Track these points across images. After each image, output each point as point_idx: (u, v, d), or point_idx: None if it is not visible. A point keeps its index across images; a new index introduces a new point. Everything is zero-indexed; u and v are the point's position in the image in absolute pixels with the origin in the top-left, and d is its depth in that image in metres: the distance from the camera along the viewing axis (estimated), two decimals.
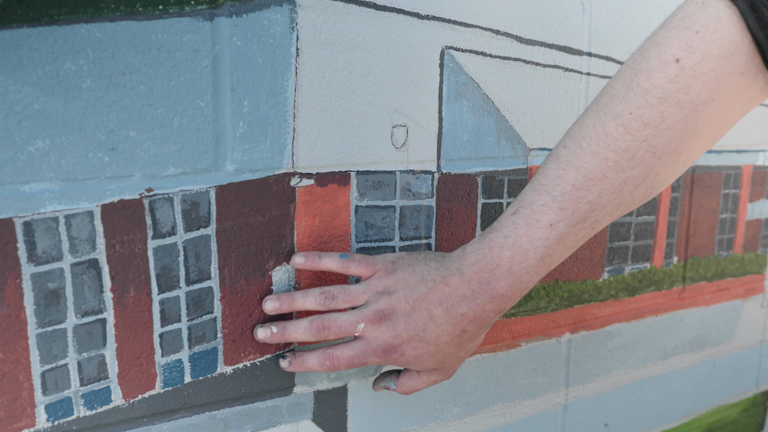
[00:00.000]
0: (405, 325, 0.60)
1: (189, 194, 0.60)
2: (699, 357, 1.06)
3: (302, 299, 0.63)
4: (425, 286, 0.60)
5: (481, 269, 0.58)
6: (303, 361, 0.64)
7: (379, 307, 0.61)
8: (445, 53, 0.71)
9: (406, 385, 0.67)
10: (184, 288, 0.61)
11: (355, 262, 0.64)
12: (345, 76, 0.65)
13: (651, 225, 0.93)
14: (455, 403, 0.80)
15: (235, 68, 0.60)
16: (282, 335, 0.63)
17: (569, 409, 0.91)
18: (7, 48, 0.51)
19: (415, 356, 0.62)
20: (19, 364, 0.55)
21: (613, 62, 0.84)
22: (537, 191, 0.57)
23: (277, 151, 0.63)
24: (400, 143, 0.70)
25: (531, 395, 0.87)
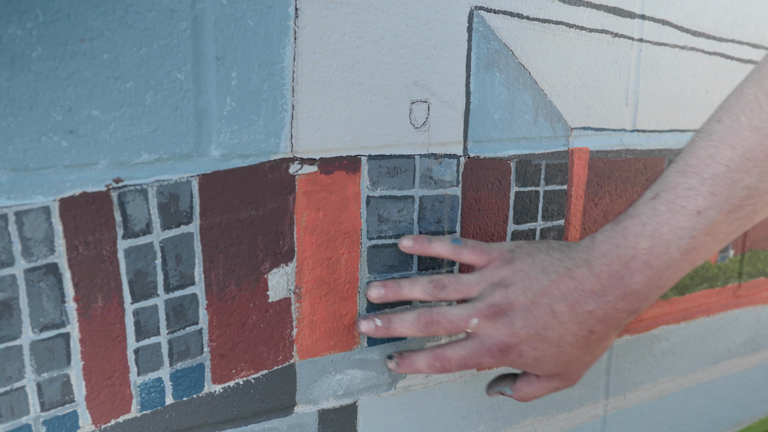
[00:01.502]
0: (524, 322, 0.53)
1: (166, 185, 0.50)
2: (753, 361, 0.95)
3: (409, 287, 0.57)
4: (547, 278, 0.53)
5: (613, 261, 0.51)
6: (411, 362, 0.58)
7: (494, 301, 0.54)
8: (475, 15, 0.60)
9: (524, 391, 0.59)
10: (163, 296, 0.52)
11: (468, 249, 0.57)
12: (354, 41, 0.54)
13: None
14: (481, 419, 0.70)
15: (221, 32, 0.49)
16: (387, 329, 0.57)
17: (609, 422, 0.81)
18: None
19: (535, 358, 0.54)
20: None
21: (670, 26, 0.72)
22: (683, 173, 0.49)
23: (273, 133, 0.53)
24: (420, 122, 0.59)
25: (567, 408, 0.77)
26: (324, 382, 0.60)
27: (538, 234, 0.69)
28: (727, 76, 0.79)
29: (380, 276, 0.60)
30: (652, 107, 0.74)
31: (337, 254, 0.58)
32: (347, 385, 0.61)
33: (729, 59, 0.79)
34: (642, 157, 0.74)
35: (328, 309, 0.59)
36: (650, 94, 0.73)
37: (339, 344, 0.60)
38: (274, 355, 0.57)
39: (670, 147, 0.76)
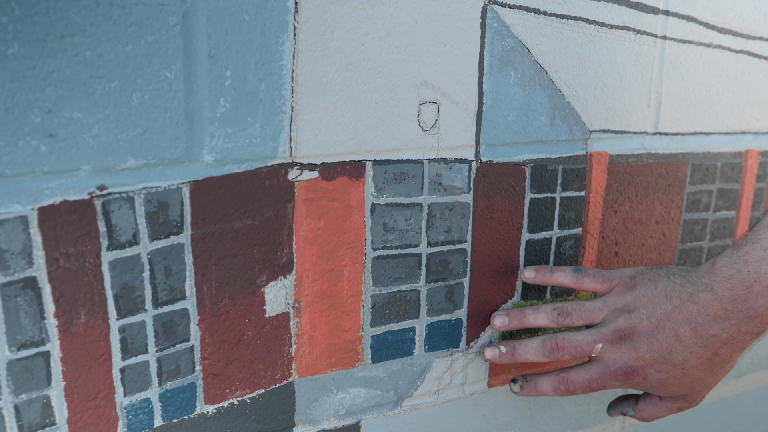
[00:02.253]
0: (648, 346, 0.55)
1: (155, 192, 0.46)
2: None
3: (534, 315, 0.59)
4: (670, 303, 0.54)
5: (736, 286, 0.52)
6: (535, 386, 0.60)
7: (618, 326, 0.56)
8: (488, 10, 0.56)
9: (647, 412, 0.61)
10: (151, 311, 0.48)
11: (590, 277, 0.59)
12: (359, 38, 0.51)
13: (730, 222, 0.78)
14: None
15: (214, 28, 0.46)
16: (512, 356, 0.60)
17: None
18: None
19: (660, 380, 0.56)
20: None
21: (695, 23, 0.68)
22: None
23: (270, 136, 0.49)
24: (430, 125, 0.55)
25: (582, 425, 0.73)
26: (325, 401, 0.57)
27: (553, 243, 0.65)
28: (754, 76, 0.75)
29: (386, 288, 0.57)
30: (676, 109, 0.69)
31: (340, 266, 0.54)
32: (350, 404, 0.58)
33: (757, 58, 0.74)
34: (664, 162, 0.70)
35: (330, 324, 0.55)
36: (673, 95, 0.69)
37: (341, 361, 0.56)
38: (272, 373, 0.54)
39: (693, 151, 0.72)
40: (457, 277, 0.60)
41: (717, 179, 0.75)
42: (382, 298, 0.57)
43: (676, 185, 0.72)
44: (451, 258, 0.59)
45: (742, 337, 0.53)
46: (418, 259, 0.58)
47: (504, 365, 0.65)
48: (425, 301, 0.59)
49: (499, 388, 0.66)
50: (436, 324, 0.60)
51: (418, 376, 0.61)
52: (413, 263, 0.57)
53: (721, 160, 0.75)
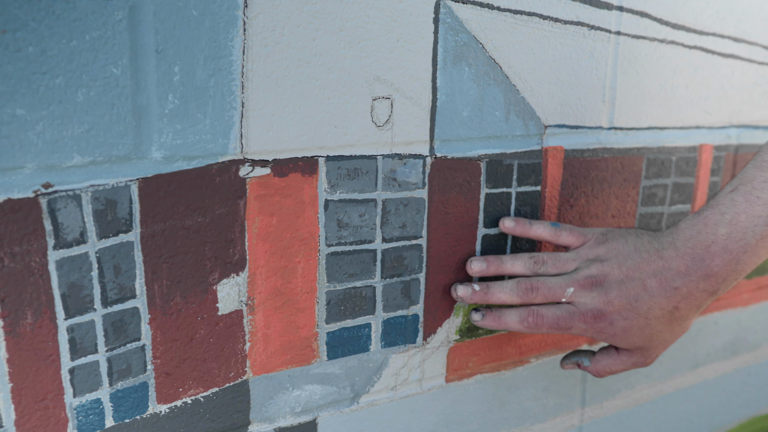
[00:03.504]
0: (618, 293, 0.58)
1: (102, 190, 0.45)
2: (733, 365, 0.92)
3: (511, 262, 0.61)
4: (639, 256, 0.58)
5: (696, 245, 0.56)
6: (500, 316, 0.61)
7: (590, 273, 0.59)
8: (441, 5, 0.56)
9: (602, 364, 0.64)
10: (101, 310, 0.47)
11: (567, 231, 0.62)
12: (310, 33, 0.50)
13: (686, 216, 0.79)
14: None
15: (161, 23, 0.45)
16: (485, 294, 0.61)
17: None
18: None
19: (624, 328, 0.58)
20: None
21: (648, 18, 0.69)
22: (759, 167, 0.55)
23: (221, 133, 0.49)
24: (383, 120, 0.55)
25: (541, 419, 0.73)
26: (281, 398, 0.56)
27: (510, 238, 0.65)
28: (708, 71, 0.76)
29: (340, 285, 0.56)
30: (630, 104, 0.70)
31: (293, 262, 0.54)
32: (306, 402, 0.58)
33: (710, 53, 0.75)
34: (619, 156, 0.71)
35: (284, 321, 0.55)
36: (628, 90, 0.69)
37: (296, 358, 0.56)
38: (225, 371, 0.53)
39: (648, 145, 0.73)
40: (413, 273, 0.60)
41: (672, 173, 0.76)
42: (337, 295, 0.57)
43: (631, 179, 0.72)
44: (407, 254, 0.59)
45: (699, 294, 0.57)
46: (373, 255, 0.58)
47: (462, 360, 0.66)
48: (381, 297, 0.59)
49: (457, 383, 0.66)
50: (393, 320, 0.60)
51: (374, 372, 0.61)
52: (368, 259, 0.57)
53: (676, 154, 0.76)
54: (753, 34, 0.79)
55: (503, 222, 0.63)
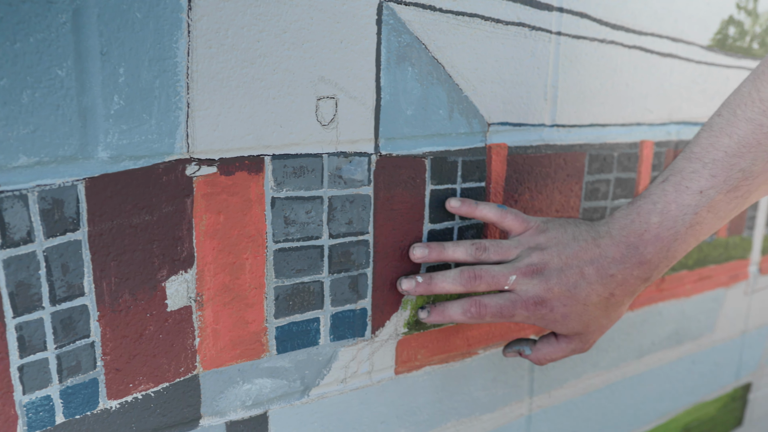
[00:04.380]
0: (557, 280, 0.60)
1: (49, 190, 0.46)
2: (677, 353, 0.95)
3: (453, 248, 0.63)
4: (577, 244, 0.60)
5: (630, 234, 0.58)
6: (444, 310, 0.63)
7: (531, 261, 0.60)
8: (384, 7, 0.57)
9: (543, 351, 0.66)
10: (49, 308, 0.48)
11: (512, 215, 0.64)
12: (254, 35, 0.52)
13: None
14: (401, 424, 0.68)
15: (106, 26, 0.46)
16: (428, 285, 0.62)
17: (533, 421, 0.80)
18: None
19: (563, 314, 0.61)
20: None
21: (588, 19, 0.71)
22: (688, 159, 0.57)
23: (167, 132, 0.50)
24: (328, 119, 0.57)
25: (490, 408, 0.76)
26: (231, 392, 0.57)
27: (455, 233, 0.67)
28: (647, 70, 0.78)
29: (288, 280, 0.58)
30: (572, 102, 0.72)
31: (241, 259, 0.55)
32: (256, 395, 0.59)
33: (649, 53, 0.78)
34: (562, 153, 0.73)
35: (233, 317, 0.56)
36: (569, 89, 0.72)
37: (246, 353, 0.57)
38: (176, 366, 0.54)
39: (590, 142, 0.75)
40: (360, 268, 0.62)
41: (614, 169, 0.79)
42: (286, 290, 0.58)
43: (574, 175, 0.75)
44: (354, 249, 0.61)
45: (634, 281, 0.59)
46: (321, 251, 0.59)
47: (411, 353, 0.67)
48: (329, 292, 0.60)
49: (406, 375, 0.68)
50: (341, 314, 0.62)
51: (324, 365, 0.62)
52: (315, 255, 0.59)
53: (618, 150, 0.78)
54: (691, 34, 0.82)
55: (449, 202, 0.64)
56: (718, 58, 0.86)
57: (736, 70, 0.89)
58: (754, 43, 0.90)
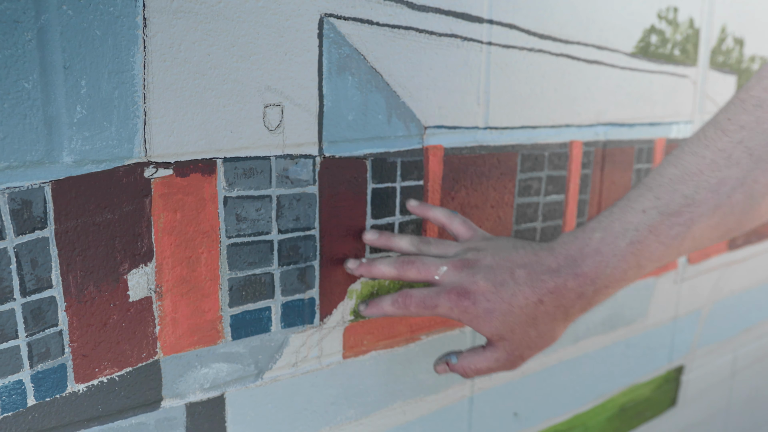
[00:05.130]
0: (484, 275, 0.61)
1: (18, 192, 0.51)
2: (611, 338, 1.02)
3: (399, 239, 0.69)
4: (515, 251, 0.62)
5: (570, 247, 0.60)
6: (378, 303, 0.67)
7: (465, 257, 0.64)
8: (325, 22, 0.63)
9: (468, 360, 0.65)
10: (20, 300, 0.53)
11: (459, 220, 0.69)
12: (205, 49, 0.57)
13: (560, 205, 0.88)
14: (350, 405, 0.74)
15: (68, 42, 0.51)
16: (369, 266, 0.67)
17: (476, 401, 0.87)
18: None
19: (486, 309, 0.61)
20: None
21: (517, 30, 0.77)
22: (636, 187, 0.60)
23: (126, 138, 0.55)
24: (275, 125, 0.62)
25: (434, 390, 0.82)
26: (190, 376, 0.63)
27: (396, 227, 0.73)
28: (574, 76, 0.85)
29: (241, 272, 0.63)
30: (504, 106, 0.79)
31: (197, 253, 0.60)
32: (213, 378, 0.64)
33: (576, 60, 0.85)
34: (495, 153, 0.79)
35: (191, 306, 0.61)
36: (501, 94, 0.78)
37: (203, 339, 0.63)
38: (138, 352, 0.59)
39: (522, 142, 0.82)
40: (308, 261, 0.67)
41: (545, 167, 0.85)
42: (239, 281, 0.63)
43: (507, 173, 0.81)
44: (301, 243, 0.66)
45: (567, 293, 0.59)
46: (270, 245, 0.64)
47: (358, 339, 0.73)
48: (279, 283, 0.66)
49: (353, 359, 0.73)
50: (291, 303, 0.67)
51: (276, 350, 0.67)
52: (265, 249, 0.64)
53: (549, 150, 0.85)
54: (615, 42, 0.89)
55: (409, 202, 0.72)
56: (642, 63, 0.93)
57: (658, 75, 0.96)
58: (675, 49, 0.97)
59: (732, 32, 1.07)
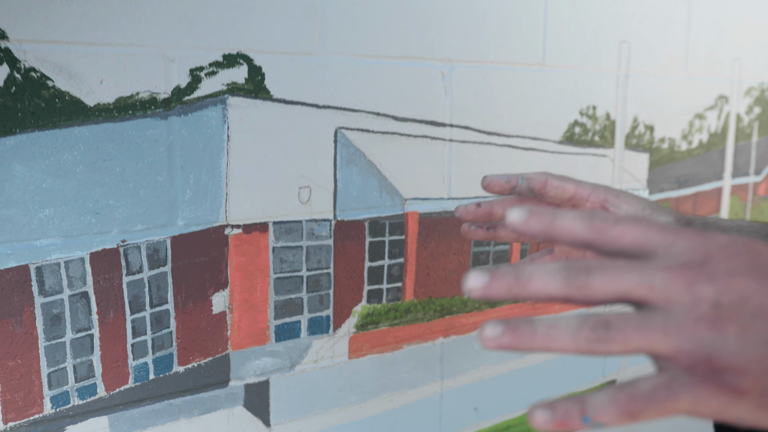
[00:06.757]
0: None
1: (151, 243, 0.84)
2: (551, 354, 1.34)
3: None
4: None
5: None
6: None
7: None
8: (338, 132, 0.97)
9: None
10: (149, 310, 0.85)
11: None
12: (263, 153, 0.90)
13: (506, 252, 1.21)
14: (353, 392, 1.05)
15: (184, 152, 0.84)
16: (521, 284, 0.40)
17: (444, 397, 1.18)
18: (24, 146, 0.75)
19: None
20: (32, 368, 0.78)
21: (471, 130, 1.11)
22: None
23: (215, 210, 0.88)
24: (305, 200, 0.95)
25: (413, 386, 1.13)
26: (248, 365, 0.94)
27: (385, 268, 1.05)
28: (515, 160, 1.18)
29: (282, 297, 0.96)
30: (462, 183, 1.12)
31: (255, 283, 0.93)
32: (262, 368, 0.96)
33: (516, 148, 1.18)
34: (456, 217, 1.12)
35: (250, 318, 0.93)
36: (459, 174, 1.11)
37: (257, 341, 0.95)
38: (216, 347, 0.91)
39: None
40: (325, 290, 1.00)
41: None
42: (281, 303, 0.96)
43: None
44: (321, 278, 0.99)
45: None
46: (301, 279, 0.97)
47: (359, 345, 1.05)
48: (306, 304, 0.98)
49: (356, 360, 1.05)
50: (314, 318, 0.99)
51: (304, 350, 0.99)
52: (298, 281, 0.97)
53: None
54: (546, 133, 1.23)
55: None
56: (568, 148, 1.27)
57: (582, 156, 1.30)
58: (595, 137, 1.31)
59: (643, 120, 1.41)
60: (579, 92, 1.26)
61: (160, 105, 0.82)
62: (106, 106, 0.79)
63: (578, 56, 1.24)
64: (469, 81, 1.11)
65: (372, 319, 1.05)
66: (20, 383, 0.78)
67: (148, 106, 0.81)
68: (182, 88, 0.84)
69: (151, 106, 0.82)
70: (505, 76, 1.15)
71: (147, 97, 0.81)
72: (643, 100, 1.40)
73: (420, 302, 1.10)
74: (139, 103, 0.81)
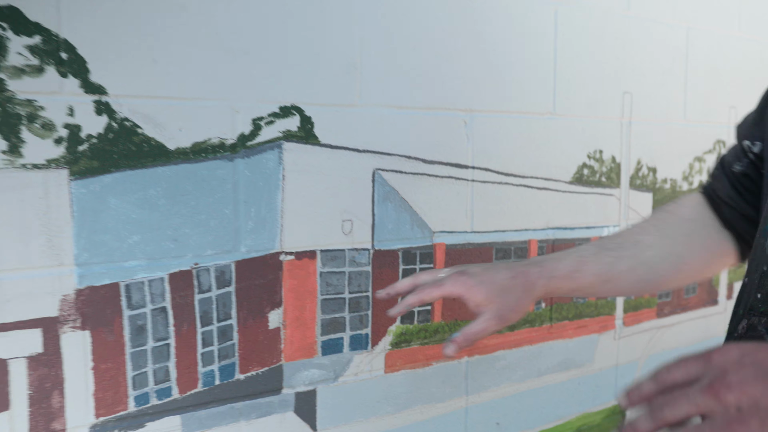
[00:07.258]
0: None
1: (219, 266, 0.98)
2: (566, 376, 1.45)
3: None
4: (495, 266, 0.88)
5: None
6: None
7: None
8: (376, 173, 1.12)
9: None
10: (216, 324, 0.99)
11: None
12: (312, 190, 1.05)
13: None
14: (388, 403, 1.18)
15: (246, 188, 0.99)
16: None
17: (470, 411, 1.30)
18: (118, 183, 0.90)
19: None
20: (120, 371, 0.92)
21: (490, 172, 1.26)
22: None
23: (271, 239, 1.02)
24: (348, 231, 1.10)
25: (441, 400, 1.25)
26: (298, 375, 1.08)
27: None
28: (530, 198, 1.33)
29: (328, 316, 1.09)
30: (484, 217, 1.26)
31: (305, 303, 1.07)
32: (311, 378, 1.09)
33: (530, 188, 1.33)
34: (478, 247, 1.26)
35: (300, 334, 1.07)
36: (481, 210, 1.26)
37: (306, 354, 1.08)
38: (271, 358, 1.05)
39: (495, 240, 1.28)
40: (365, 310, 1.13)
41: (512, 256, 1.32)
42: (327, 321, 1.09)
43: (486, 260, 1.28)
44: (361, 300, 1.13)
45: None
46: (344, 300, 1.11)
47: (394, 361, 1.18)
48: (348, 323, 1.12)
49: (391, 374, 1.18)
50: (355, 335, 1.13)
51: (346, 364, 1.13)
52: (341, 303, 1.10)
53: (514, 246, 1.32)
54: (557, 174, 1.37)
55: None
56: (578, 188, 1.41)
57: (591, 195, 1.44)
58: (602, 177, 1.45)
59: (646, 162, 1.55)
60: (586, 138, 1.41)
61: (227, 149, 0.98)
62: (183, 149, 0.94)
63: (585, 106, 1.40)
64: (488, 128, 1.26)
65: (405, 338, 1.18)
66: (110, 384, 0.92)
67: (218, 149, 0.97)
68: (246, 134, 0.99)
69: (220, 149, 0.97)
70: (520, 124, 1.30)
71: (217, 142, 0.97)
72: (645, 145, 1.54)
73: (447, 324, 1.24)
74: (210, 148, 0.96)
